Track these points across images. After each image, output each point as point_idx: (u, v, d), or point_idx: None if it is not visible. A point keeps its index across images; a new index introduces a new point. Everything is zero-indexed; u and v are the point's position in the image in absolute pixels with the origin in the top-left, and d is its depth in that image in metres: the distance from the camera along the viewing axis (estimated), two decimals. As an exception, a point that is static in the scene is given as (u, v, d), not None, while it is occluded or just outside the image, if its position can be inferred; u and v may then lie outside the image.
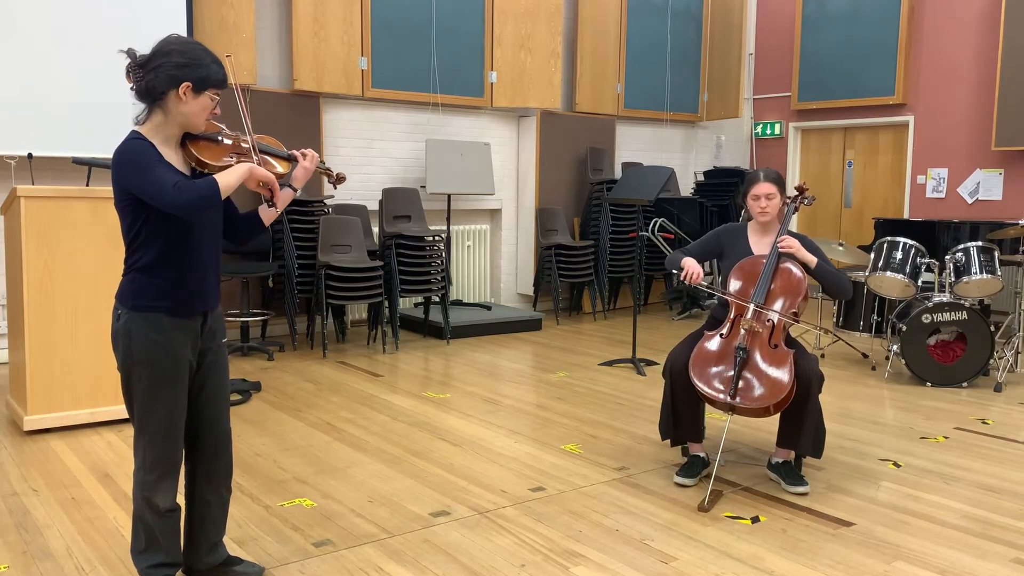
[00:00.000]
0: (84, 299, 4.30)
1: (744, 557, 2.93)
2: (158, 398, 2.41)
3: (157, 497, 2.45)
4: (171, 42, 2.37)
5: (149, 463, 2.44)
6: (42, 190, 4.20)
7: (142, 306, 2.38)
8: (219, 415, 2.60)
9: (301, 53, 6.77)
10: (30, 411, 4.22)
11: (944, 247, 6.58)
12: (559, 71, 8.12)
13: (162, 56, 2.33)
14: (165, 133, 2.40)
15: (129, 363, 2.41)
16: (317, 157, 2.65)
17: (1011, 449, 4.21)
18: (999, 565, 2.90)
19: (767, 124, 10.11)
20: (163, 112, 2.38)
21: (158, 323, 2.39)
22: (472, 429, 4.45)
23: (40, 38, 5.69)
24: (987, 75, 8.28)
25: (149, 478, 2.44)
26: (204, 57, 2.37)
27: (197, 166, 2.45)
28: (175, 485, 2.49)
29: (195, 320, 2.47)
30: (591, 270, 7.95)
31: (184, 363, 2.45)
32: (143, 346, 2.38)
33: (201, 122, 2.42)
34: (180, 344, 2.43)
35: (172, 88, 2.33)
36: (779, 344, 3.46)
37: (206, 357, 2.54)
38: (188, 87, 2.34)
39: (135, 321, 2.39)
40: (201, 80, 2.35)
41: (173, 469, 2.47)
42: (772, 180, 3.64)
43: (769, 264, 3.59)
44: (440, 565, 2.85)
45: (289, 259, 6.38)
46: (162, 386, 2.40)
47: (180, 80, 2.33)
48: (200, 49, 2.39)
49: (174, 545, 2.55)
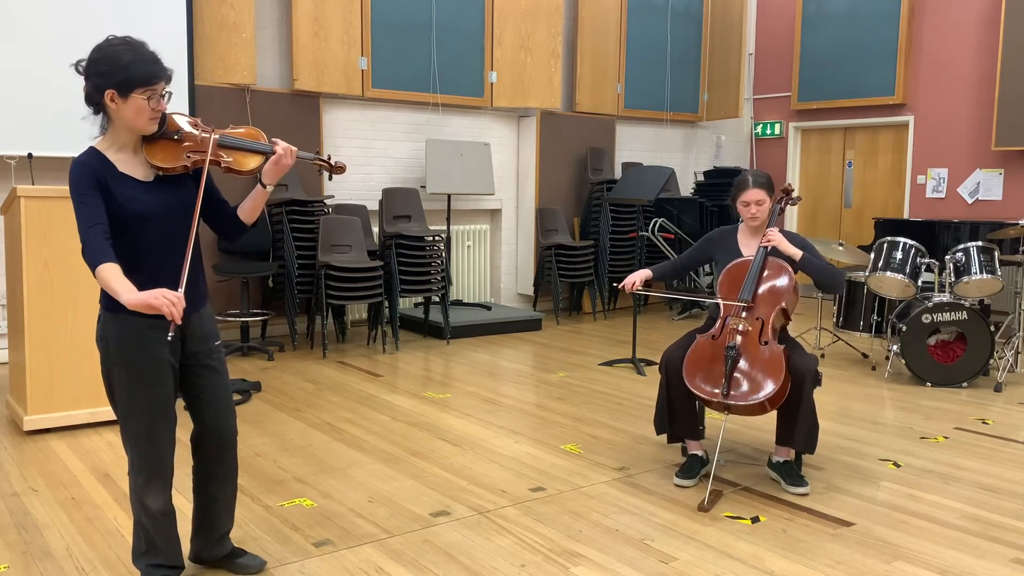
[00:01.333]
0: (84, 299, 4.30)
1: (744, 557, 2.94)
2: (136, 400, 2.39)
3: (148, 499, 2.46)
4: (100, 47, 2.30)
5: (136, 466, 2.44)
6: (42, 190, 4.20)
7: (115, 307, 2.33)
8: (222, 417, 2.59)
9: (301, 53, 6.77)
10: (30, 411, 4.22)
11: (944, 247, 6.58)
12: (559, 71, 8.12)
13: (91, 65, 2.29)
14: (119, 141, 2.37)
15: (108, 365, 2.40)
16: (293, 151, 2.51)
17: (1011, 449, 4.21)
18: (999, 565, 2.90)
19: (767, 124, 10.11)
20: (109, 120, 2.35)
21: (131, 324, 2.36)
22: (472, 429, 4.45)
23: (40, 38, 5.69)
24: (987, 75, 8.28)
25: (139, 480, 2.45)
26: (123, 56, 2.26)
27: (156, 170, 2.39)
28: (166, 487, 2.48)
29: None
30: (591, 270, 7.95)
31: (163, 364, 2.42)
32: (119, 347, 2.37)
33: (143, 124, 2.34)
34: (157, 344, 2.39)
35: (101, 97, 2.29)
36: (770, 341, 3.46)
37: (200, 360, 2.52)
38: (113, 94, 2.28)
39: (110, 323, 2.38)
40: (122, 84, 2.27)
41: (161, 472, 2.45)
42: (761, 185, 3.64)
43: (756, 262, 3.60)
44: (440, 565, 2.85)
45: (289, 259, 6.38)
46: (140, 388, 2.39)
47: (103, 88, 2.28)
48: (122, 49, 2.28)
49: (173, 548, 2.56)
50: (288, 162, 2.50)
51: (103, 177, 2.31)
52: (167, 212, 2.40)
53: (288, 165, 2.51)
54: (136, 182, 2.37)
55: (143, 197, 2.36)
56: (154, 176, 2.41)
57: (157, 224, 2.37)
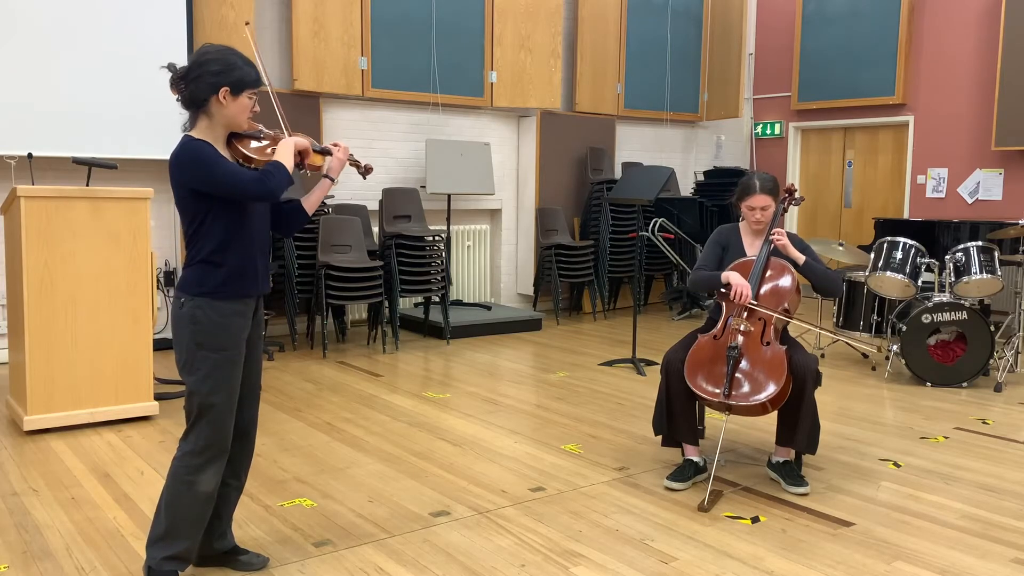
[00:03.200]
0: (84, 299, 4.30)
1: (744, 557, 2.94)
2: (221, 380, 2.55)
3: (202, 480, 2.57)
4: (206, 52, 2.54)
5: (201, 446, 2.57)
6: (42, 190, 4.20)
7: (207, 292, 2.53)
8: (254, 403, 2.77)
9: (301, 53, 6.77)
10: (30, 411, 4.22)
11: (944, 247, 6.58)
12: (559, 71, 8.12)
13: (200, 66, 2.51)
14: (212, 135, 2.58)
15: (192, 347, 2.54)
16: (347, 148, 2.84)
17: (1011, 449, 4.21)
18: (999, 565, 2.90)
19: (767, 124, 10.11)
20: (208, 116, 2.56)
21: (220, 308, 2.54)
22: (472, 429, 4.45)
23: (40, 38, 5.69)
24: (987, 75, 8.28)
25: (197, 461, 2.57)
26: (237, 61, 2.54)
27: (244, 161, 2.63)
28: (221, 470, 2.63)
29: (251, 304, 2.64)
30: (591, 270, 7.95)
31: (243, 347, 2.62)
32: (207, 329, 2.53)
33: (243, 121, 2.61)
34: (240, 328, 2.59)
35: (213, 94, 2.51)
36: (771, 342, 3.47)
37: (250, 344, 2.70)
38: (227, 91, 2.52)
39: (200, 306, 2.54)
40: (237, 83, 2.53)
41: (222, 453, 2.61)
42: (768, 191, 3.65)
43: (759, 263, 3.61)
44: (440, 565, 2.85)
45: (289, 259, 6.38)
46: (225, 369, 2.56)
47: (219, 86, 2.51)
48: (233, 54, 2.55)
49: (197, 536, 2.62)
50: (343, 156, 2.81)
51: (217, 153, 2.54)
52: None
53: (344, 159, 2.82)
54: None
55: None
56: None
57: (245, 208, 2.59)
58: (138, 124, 6.05)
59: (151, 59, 5.98)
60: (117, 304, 4.38)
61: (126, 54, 5.99)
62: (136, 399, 4.48)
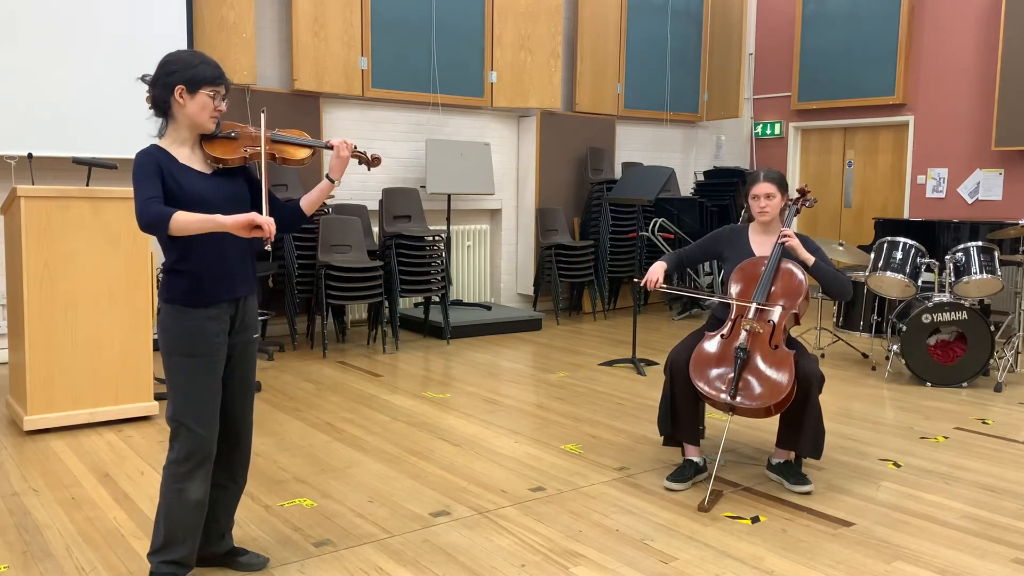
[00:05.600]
0: (84, 299, 4.30)
1: (744, 557, 2.94)
2: (193, 386, 2.53)
3: (191, 488, 2.55)
4: (168, 56, 2.55)
5: (184, 454, 2.54)
6: (42, 190, 4.20)
7: (176, 299, 2.53)
8: (244, 406, 2.75)
9: (301, 53, 6.77)
10: (30, 411, 4.22)
11: (944, 247, 6.58)
12: (559, 71, 8.12)
13: (160, 69, 2.53)
14: (179, 138, 2.56)
15: (165, 354, 2.54)
16: (352, 145, 2.77)
17: (1011, 449, 4.21)
18: (999, 565, 2.90)
19: (767, 124, 10.11)
20: (173, 120, 2.55)
21: (188, 313, 2.53)
22: (472, 429, 4.45)
23: (41, 39, 5.69)
24: (987, 75, 8.28)
25: (183, 469, 2.55)
26: (195, 60, 2.52)
27: (215, 163, 2.59)
28: (208, 476, 2.61)
29: (225, 308, 2.59)
30: (591, 270, 7.95)
31: (218, 351, 2.58)
32: (177, 335, 2.53)
33: (205, 120, 2.55)
34: (212, 333, 2.55)
35: (170, 95, 2.50)
36: (780, 345, 3.46)
37: (236, 349, 2.67)
38: (183, 89, 2.50)
39: (169, 313, 2.54)
40: (191, 80, 2.50)
41: (207, 460, 2.59)
42: (772, 180, 3.65)
43: (771, 264, 3.59)
44: (440, 565, 2.85)
45: (289, 259, 6.38)
46: (199, 375, 2.54)
47: (173, 85, 2.50)
48: (193, 55, 2.54)
49: (193, 543, 2.61)
50: (346, 154, 2.75)
51: (164, 165, 2.49)
52: (224, 200, 2.56)
53: (347, 158, 2.76)
54: (195, 172, 2.56)
55: (201, 184, 2.54)
56: (212, 170, 2.61)
57: (215, 211, 2.50)
58: (138, 124, 6.03)
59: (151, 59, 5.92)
60: (117, 304, 4.38)
61: (126, 54, 5.98)
62: (136, 399, 4.48)
